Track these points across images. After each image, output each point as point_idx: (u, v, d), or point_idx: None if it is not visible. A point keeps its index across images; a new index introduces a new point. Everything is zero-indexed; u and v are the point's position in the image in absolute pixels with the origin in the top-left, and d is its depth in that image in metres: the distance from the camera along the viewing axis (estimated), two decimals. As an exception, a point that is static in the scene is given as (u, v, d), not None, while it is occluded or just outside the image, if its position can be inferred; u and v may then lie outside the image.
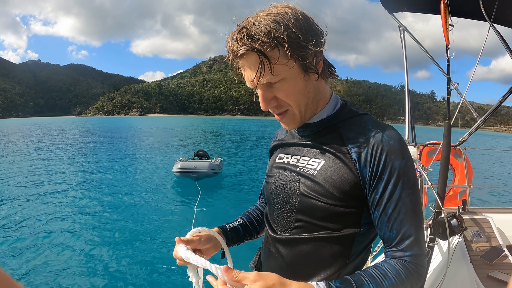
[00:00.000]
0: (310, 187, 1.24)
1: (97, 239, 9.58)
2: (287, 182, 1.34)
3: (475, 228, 3.46)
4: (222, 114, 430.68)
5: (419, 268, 1.14)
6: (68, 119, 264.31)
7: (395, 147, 1.16)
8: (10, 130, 73.01)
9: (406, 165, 1.16)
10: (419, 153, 4.07)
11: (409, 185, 1.15)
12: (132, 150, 34.13)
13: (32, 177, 18.86)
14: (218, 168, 17.28)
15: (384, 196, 1.15)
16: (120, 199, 14.00)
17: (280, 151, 1.50)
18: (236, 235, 1.58)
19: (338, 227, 1.22)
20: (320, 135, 1.32)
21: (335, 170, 1.20)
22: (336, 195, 1.19)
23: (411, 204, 1.15)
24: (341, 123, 1.30)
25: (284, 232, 1.34)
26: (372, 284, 1.07)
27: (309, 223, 1.26)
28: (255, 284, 0.97)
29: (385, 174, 1.14)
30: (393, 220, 1.15)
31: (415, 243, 1.14)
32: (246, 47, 1.10)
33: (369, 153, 1.16)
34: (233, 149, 36.62)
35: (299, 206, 1.28)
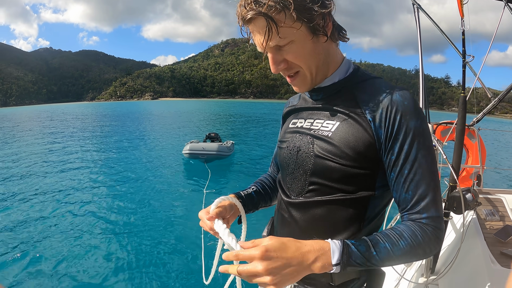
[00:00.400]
0: (324, 149, 1.24)
1: (106, 219, 9.80)
2: (301, 145, 1.34)
3: (489, 207, 3.44)
4: (234, 97, 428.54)
5: (437, 231, 1.13)
6: (81, 104, 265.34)
7: (409, 108, 1.14)
8: (24, 117, 73.43)
9: (421, 126, 1.14)
10: (433, 131, 3.99)
11: (425, 146, 1.14)
12: (144, 133, 34.30)
13: (49, 157, 19.52)
14: (228, 151, 17.13)
15: (400, 157, 1.14)
16: (130, 180, 14.13)
17: (293, 116, 1.50)
18: (251, 202, 1.59)
19: (353, 189, 1.22)
20: (333, 98, 1.31)
21: (350, 131, 1.20)
22: (351, 156, 1.18)
23: (427, 165, 1.14)
24: (354, 85, 1.29)
25: (298, 196, 1.34)
26: (387, 243, 1.09)
27: (323, 186, 1.26)
28: (271, 240, 1.03)
29: (400, 134, 1.13)
30: (409, 181, 1.13)
31: (432, 205, 1.13)
32: (253, 12, 1.11)
33: (384, 114, 1.15)
34: (245, 131, 36.56)
35: (313, 168, 1.27)
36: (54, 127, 42.35)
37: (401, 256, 1.10)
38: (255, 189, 1.66)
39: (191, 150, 16.24)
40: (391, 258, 1.09)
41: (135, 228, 9.03)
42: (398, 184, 1.16)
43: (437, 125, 4.13)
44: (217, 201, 1.39)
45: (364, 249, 1.07)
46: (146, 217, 9.77)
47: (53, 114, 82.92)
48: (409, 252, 1.10)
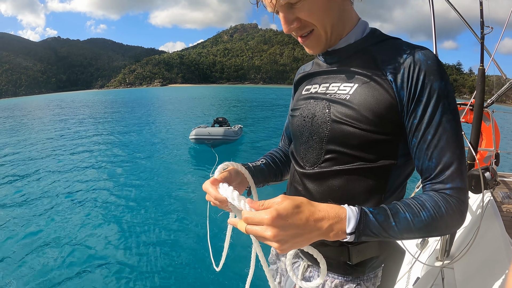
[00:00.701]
0: (342, 112, 1.14)
1: (113, 202, 9.98)
2: (315, 111, 1.24)
3: (504, 189, 3.37)
4: (244, 83, 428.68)
5: (461, 204, 1.02)
6: (91, 92, 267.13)
7: (433, 67, 1.04)
8: (35, 106, 74.19)
9: (446, 87, 1.04)
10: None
11: (449, 109, 1.04)
12: (152, 119, 34.66)
13: (60, 142, 20.22)
14: (234, 135, 17.02)
15: (423, 120, 1.04)
16: (138, 165, 14.29)
17: (306, 83, 1.40)
18: (261, 175, 1.47)
19: (373, 157, 1.13)
20: (350, 60, 1.21)
21: (370, 93, 1.11)
22: (371, 120, 1.09)
23: (452, 130, 1.03)
24: (372, 46, 1.20)
25: (313, 166, 1.25)
26: (408, 214, 0.98)
27: (341, 154, 1.17)
28: (283, 202, 0.91)
29: (423, 96, 1.04)
30: (433, 147, 1.04)
31: (457, 174, 1.02)
32: None
33: (406, 74, 1.06)
34: (253, 116, 36.52)
35: (330, 135, 1.17)
36: (64, 114, 43.01)
37: (421, 229, 0.99)
38: (265, 161, 1.54)
39: (197, 135, 16.15)
40: (410, 230, 0.98)
41: (141, 212, 9.09)
42: (420, 151, 1.07)
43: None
44: (221, 167, 1.25)
45: (382, 219, 0.97)
46: (152, 202, 9.82)
47: (62, 102, 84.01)
48: (430, 224, 0.99)
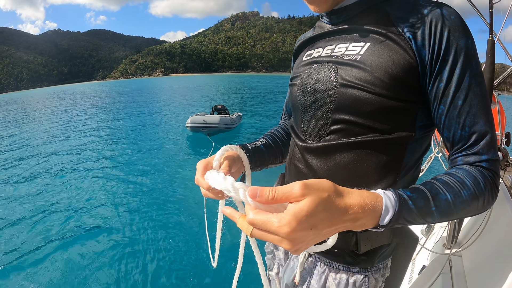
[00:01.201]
0: (352, 75, 0.95)
1: (109, 189, 9.95)
2: (319, 76, 1.05)
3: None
4: (246, 71, 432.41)
5: (497, 178, 0.88)
6: (92, 84, 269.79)
7: (458, 23, 0.87)
8: (37, 99, 74.71)
9: (472, 46, 0.87)
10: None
11: (478, 71, 0.87)
12: (152, 107, 34.74)
13: (60, 133, 19.98)
14: (231, 123, 16.70)
15: (451, 83, 0.87)
16: (134, 152, 14.27)
17: (308, 48, 1.20)
18: (259, 157, 1.28)
19: (388, 128, 0.94)
20: (359, 18, 1.03)
21: (385, 53, 0.92)
22: (387, 83, 0.90)
23: (482, 95, 0.87)
24: (383, 3, 1.01)
25: (317, 139, 1.05)
26: (449, 194, 0.81)
27: (350, 124, 0.97)
28: (306, 199, 0.64)
29: (449, 55, 0.86)
30: (465, 114, 0.87)
31: (492, 145, 0.87)
32: None
33: (427, 30, 0.88)
34: (253, 103, 36.42)
35: (337, 102, 0.98)
36: (65, 106, 43.11)
37: (460, 211, 0.83)
38: (265, 142, 1.34)
39: (192, 123, 15.85)
40: (450, 213, 0.82)
41: (134, 203, 8.95)
42: (450, 119, 0.90)
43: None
44: (221, 152, 1.02)
45: (422, 204, 0.78)
46: (146, 192, 9.70)
47: (64, 94, 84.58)
48: (470, 204, 0.83)
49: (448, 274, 2.52)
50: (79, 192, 9.74)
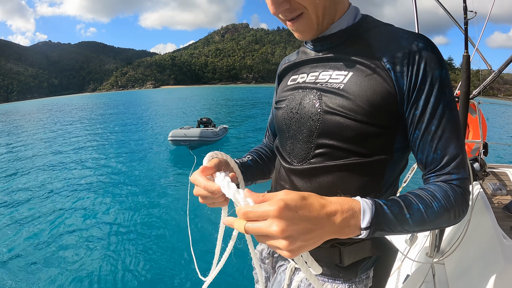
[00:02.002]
0: (336, 103, 1.04)
1: (93, 201, 10.07)
2: (304, 102, 1.13)
3: (494, 181, 3.30)
4: (236, 82, 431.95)
5: (467, 193, 0.99)
6: (83, 96, 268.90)
7: (433, 55, 0.97)
8: (26, 111, 74.59)
9: (446, 76, 0.98)
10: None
11: (451, 99, 0.99)
12: (140, 120, 34.83)
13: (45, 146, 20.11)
14: (213, 136, 16.68)
15: (426, 111, 0.97)
16: (115, 167, 14.28)
17: (292, 73, 1.29)
18: (248, 172, 1.35)
19: (369, 151, 1.04)
20: (343, 47, 1.12)
21: (366, 82, 1.01)
22: (368, 111, 1.00)
23: (454, 120, 0.98)
24: (366, 32, 1.11)
25: (302, 162, 1.14)
26: (421, 205, 0.91)
27: (333, 148, 1.07)
28: (289, 194, 0.76)
29: (425, 85, 0.96)
30: (438, 139, 0.98)
31: (462, 165, 0.98)
32: None
33: (406, 61, 0.98)
34: (242, 115, 36.59)
35: (321, 128, 1.07)
36: (52, 118, 43.17)
37: (433, 220, 0.92)
38: (251, 158, 1.42)
39: (173, 136, 15.85)
40: (423, 222, 0.91)
41: (115, 219, 8.91)
42: (424, 143, 1.00)
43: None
44: (209, 155, 1.13)
45: (397, 211, 0.88)
46: (127, 206, 9.66)
47: (53, 106, 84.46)
48: (441, 215, 0.93)
49: (431, 282, 2.59)
50: (59, 203, 9.82)
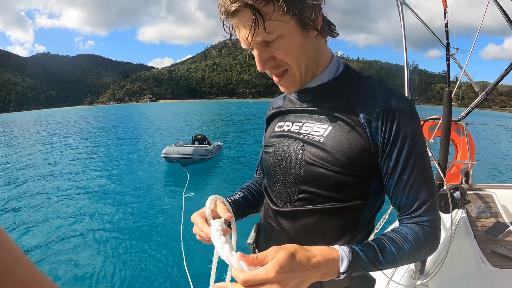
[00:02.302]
0: (316, 155, 1.16)
1: (85, 219, 9.94)
2: (289, 151, 1.26)
3: (479, 203, 3.40)
4: (233, 97, 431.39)
5: (436, 231, 1.13)
6: (80, 108, 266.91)
7: (406, 111, 1.10)
8: (23, 122, 73.87)
9: (418, 129, 1.11)
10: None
11: (422, 149, 1.11)
12: (136, 134, 34.51)
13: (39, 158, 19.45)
14: (206, 154, 16.53)
15: (398, 163, 1.10)
16: (108, 183, 14.15)
17: (279, 119, 1.41)
18: (239, 209, 1.48)
19: (346, 197, 1.16)
20: (324, 100, 1.24)
21: (343, 137, 1.13)
22: (345, 163, 1.12)
23: (425, 168, 1.11)
24: (346, 86, 1.22)
25: (286, 204, 1.26)
26: (393, 248, 1.05)
27: (314, 194, 1.19)
28: (279, 253, 0.90)
29: (398, 139, 1.09)
30: (409, 186, 1.10)
31: (431, 208, 1.11)
32: (238, 3, 1.01)
33: (380, 118, 1.10)
34: (237, 131, 36.21)
35: (304, 176, 1.20)
36: (51, 131, 42.81)
37: (405, 259, 1.08)
38: (242, 195, 1.55)
39: (166, 153, 15.77)
40: (396, 261, 1.06)
41: (108, 237, 8.81)
42: (397, 191, 1.13)
43: (425, 121, 4.06)
44: (210, 199, 1.27)
45: (371, 255, 1.02)
46: (121, 224, 9.62)
47: (50, 119, 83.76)
48: (412, 254, 1.08)
49: (416, 303, 2.70)
50: (51, 217, 9.88)
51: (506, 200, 3.55)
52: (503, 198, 3.54)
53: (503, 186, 3.82)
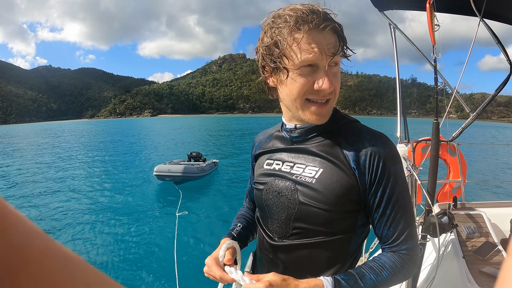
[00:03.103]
0: (309, 195, 1.27)
1: (79, 235, 9.84)
2: (282, 190, 1.35)
3: (469, 223, 3.44)
4: (233, 112, 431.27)
5: (414, 257, 1.27)
6: (80, 122, 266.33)
7: (390, 154, 1.25)
8: (24, 134, 73.67)
9: (400, 170, 1.26)
10: (413, 149, 4.07)
11: (403, 187, 1.27)
12: (133, 150, 34.32)
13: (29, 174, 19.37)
14: (198, 172, 16.18)
15: (382, 199, 1.24)
16: (101, 200, 14.08)
17: (267, 157, 1.49)
18: (242, 239, 1.62)
19: (336, 231, 1.29)
20: (315, 141, 1.33)
21: (334, 178, 1.25)
22: (335, 201, 1.24)
23: (405, 204, 1.26)
24: (335, 129, 1.34)
25: (282, 239, 1.37)
26: (372, 275, 1.20)
27: (307, 230, 1.31)
28: (274, 276, 1.15)
29: (383, 179, 1.23)
30: (391, 220, 1.25)
31: (409, 238, 1.26)
32: (331, 22, 1.14)
33: (368, 161, 1.23)
34: (235, 147, 36.02)
35: (297, 214, 1.31)
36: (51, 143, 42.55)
37: (384, 284, 1.22)
38: (242, 226, 1.67)
39: (157, 171, 15.59)
40: (376, 286, 1.20)
41: (101, 254, 8.70)
42: (380, 223, 1.28)
43: (417, 142, 4.14)
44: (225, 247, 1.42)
45: (352, 283, 1.18)
46: (110, 241, 9.49)
47: (51, 131, 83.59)
48: (391, 279, 1.23)
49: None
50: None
51: (496, 219, 3.61)
52: (493, 216, 3.61)
53: (493, 204, 3.88)
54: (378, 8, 4.06)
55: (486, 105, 4.09)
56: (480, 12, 3.65)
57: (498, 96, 4.11)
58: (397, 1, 4.01)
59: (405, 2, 4.03)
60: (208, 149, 30.99)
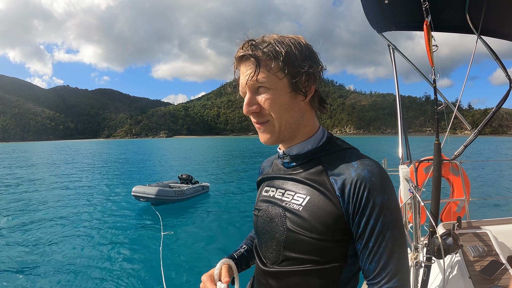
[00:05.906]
0: (296, 223, 1.27)
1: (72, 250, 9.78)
2: (273, 216, 1.37)
3: (475, 242, 3.38)
4: (248, 133, 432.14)
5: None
6: (97, 141, 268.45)
7: (376, 184, 1.17)
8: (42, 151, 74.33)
9: (388, 200, 1.17)
10: (415, 169, 4.05)
11: (390, 220, 1.17)
12: (131, 170, 34.15)
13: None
14: (175, 195, 16.24)
15: (365, 230, 1.18)
16: (93, 218, 14.02)
17: (266, 184, 1.52)
18: (244, 261, 1.64)
19: (325, 260, 1.25)
20: (305, 168, 1.34)
21: (320, 206, 1.23)
22: (321, 230, 1.21)
23: (391, 238, 1.17)
24: (325, 156, 1.32)
25: (273, 264, 1.37)
26: None
27: (296, 257, 1.29)
28: None
29: (367, 210, 1.16)
30: (373, 253, 1.17)
31: (393, 275, 1.16)
32: (245, 52, 1.20)
33: (352, 189, 1.18)
34: (236, 170, 34.52)
35: (286, 242, 1.31)
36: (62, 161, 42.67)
37: None
38: (246, 248, 1.69)
39: (134, 192, 15.50)
40: None
41: (86, 275, 8.31)
42: (363, 255, 1.20)
43: (419, 162, 4.12)
44: (220, 265, 1.48)
45: None
46: (95, 260, 9.24)
47: (68, 149, 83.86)
48: None
49: None
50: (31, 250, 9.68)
51: (502, 236, 3.56)
52: (499, 234, 3.55)
53: (499, 222, 3.84)
54: (377, 30, 4.10)
55: (487, 122, 4.05)
56: (478, 30, 3.69)
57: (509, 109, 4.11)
58: (394, 23, 4.07)
59: (402, 23, 4.07)
60: (210, 171, 30.53)
